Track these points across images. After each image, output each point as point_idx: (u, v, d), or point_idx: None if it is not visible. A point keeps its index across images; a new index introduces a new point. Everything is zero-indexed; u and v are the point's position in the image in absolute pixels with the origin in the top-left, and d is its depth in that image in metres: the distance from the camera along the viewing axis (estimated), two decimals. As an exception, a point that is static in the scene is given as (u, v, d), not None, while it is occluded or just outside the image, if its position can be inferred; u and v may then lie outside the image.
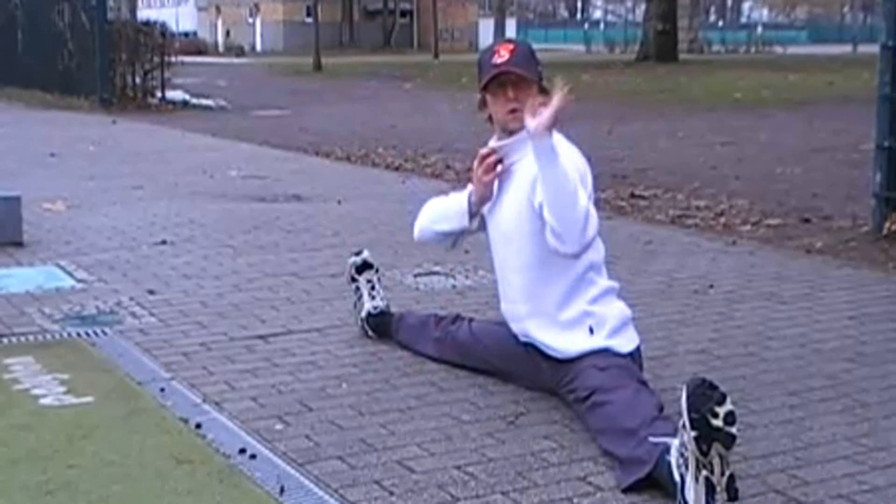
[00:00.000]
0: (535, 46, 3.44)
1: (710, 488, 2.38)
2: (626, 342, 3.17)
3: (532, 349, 3.26)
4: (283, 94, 21.52)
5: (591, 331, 3.14)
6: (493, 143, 3.32)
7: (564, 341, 3.14)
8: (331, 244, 5.73)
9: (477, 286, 4.73)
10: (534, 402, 3.23)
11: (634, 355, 3.20)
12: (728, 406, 2.37)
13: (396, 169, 9.55)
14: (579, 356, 3.11)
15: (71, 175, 8.57)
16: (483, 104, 3.27)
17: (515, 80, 3.17)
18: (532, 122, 2.94)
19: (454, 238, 3.54)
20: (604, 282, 3.24)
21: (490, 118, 3.28)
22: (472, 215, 3.39)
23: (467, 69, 28.30)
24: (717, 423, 2.36)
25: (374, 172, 9.37)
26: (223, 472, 2.71)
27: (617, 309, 3.23)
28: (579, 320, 3.15)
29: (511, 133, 3.22)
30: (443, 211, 3.50)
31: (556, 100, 2.93)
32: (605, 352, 3.10)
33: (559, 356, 3.16)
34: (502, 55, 3.19)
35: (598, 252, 3.22)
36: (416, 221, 3.61)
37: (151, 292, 4.60)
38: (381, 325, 3.89)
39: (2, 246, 5.50)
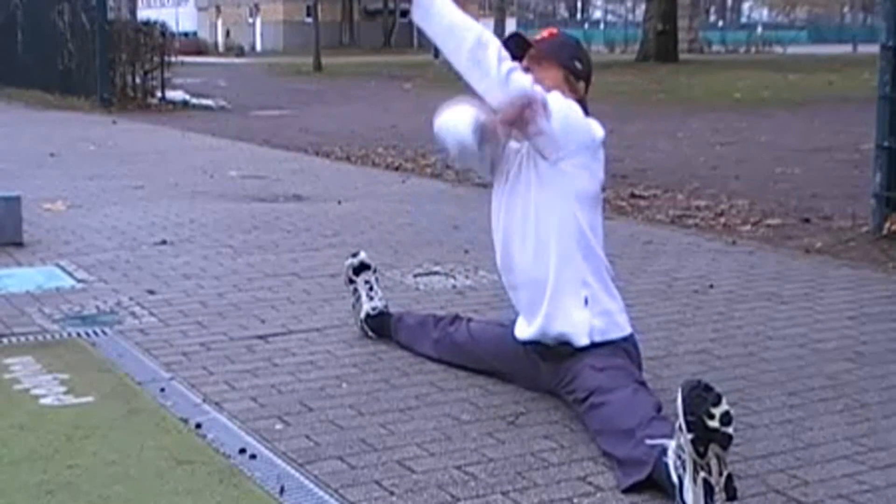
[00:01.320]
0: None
1: (709, 489, 2.37)
2: (618, 329, 3.18)
3: (531, 348, 3.26)
4: (284, 94, 21.53)
5: (586, 302, 3.14)
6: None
7: (557, 305, 3.13)
8: (331, 244, 5.73)
9: (477, 286, 4.73)
10: (534, 402, 3.23)
11: (631, 352, 3.19)
12: (724, 407, 2.37)
13: (396, 169, 9.55)
14: (575, 348, 3.10)
15: (71, 175, 8.58)
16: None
17: (535, 54, 3.25)
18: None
19: (461, 149, 3.32)
20: (602, 255, 3.24)
21: None
22: (478, 138, 3.22)
23: (467, 69, 28.28)
24: (714, 424, 2.35)
25: (374, 172, 9.37)
26: (223, 472, 2.71)
27: (611, 296, 3.23)
28: (574, 287, 3.14)
29: None
30: (458, 115, 3.31)
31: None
32: (602, 350, 3.10)
33: (549, 330, 3.15)
34: (542, 35, 3.35)
35: (591, 210, 3.23)
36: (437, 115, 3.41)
37: (151, 292, 4.60)
38: (379, 326, 3.89)
39: (2, 246, 5.50)
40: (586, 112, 3.27)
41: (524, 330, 3.28)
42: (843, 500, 2.57)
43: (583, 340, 3.12)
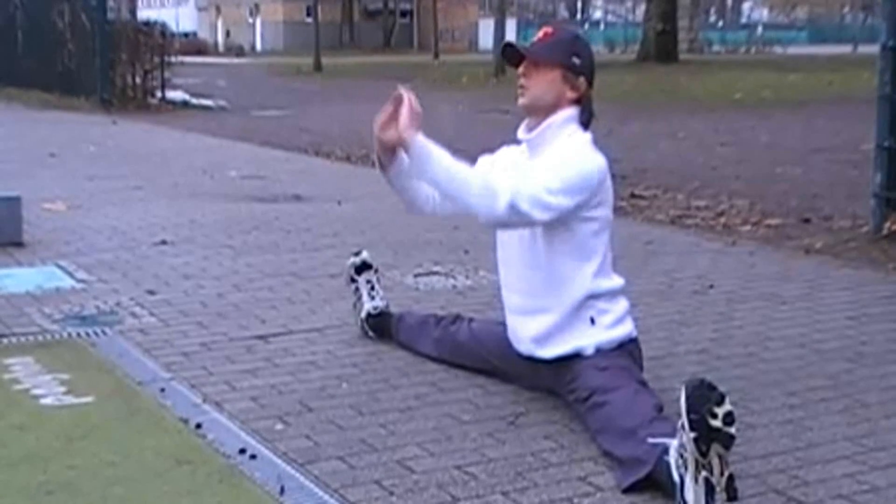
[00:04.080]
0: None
1: (710, 489, 2.37)
2: (622, 333, 3.18)
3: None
4: (283, 95, 21.53)
5: (592, 321, 3.14)
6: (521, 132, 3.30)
7: (564, 332, 3.12)
8: (331, 244, 5.73)
9: (477, 286, 4.73)
10: (534, 402, 3.23)
11: (634, 353, 3.19)
12: (727, 406, 2.37)
13: (396, 169, 9.53)
14: (579, 357, 3.11)
15: (71, 175, 8.58)
16: None
17: (531, 61, 3.19)
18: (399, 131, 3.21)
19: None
20: (609, 283, 3.21)
21: None
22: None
23: (467, 69, 28.30)
24: (716, 423, 2.35)
25: (374, 172, 9.28)
26: (223, 472, 2.71)
27: (616, 300, 3.22)
28: (583, 312, 3.13)
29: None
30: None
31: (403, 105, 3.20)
32: (604, 350, 3.10)
33: (553, 354, 3.15)
34: (538, 36, 3.27)
35: (600, 255, 3.19)
36: None
37: (151, 292, 4.60)
38: (380, 326, 3.89)
39: (2, 246, 5.50)
40: (590, 111, 3.24)
41: (522, 346, 3.27)
42: (844, 500, 2.57)
43: (588, 352, 3.12)
